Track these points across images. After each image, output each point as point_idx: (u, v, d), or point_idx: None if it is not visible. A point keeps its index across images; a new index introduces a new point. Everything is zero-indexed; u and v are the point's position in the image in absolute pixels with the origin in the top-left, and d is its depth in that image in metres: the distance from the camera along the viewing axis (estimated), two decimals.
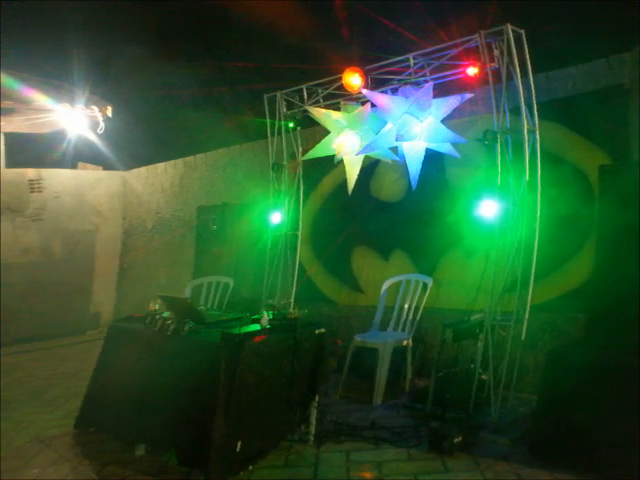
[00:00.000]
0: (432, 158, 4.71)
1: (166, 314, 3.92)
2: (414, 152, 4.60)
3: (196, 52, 8.70)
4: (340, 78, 4.86)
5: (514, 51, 3.86)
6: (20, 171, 8.84)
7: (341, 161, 5.20)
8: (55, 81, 7.79)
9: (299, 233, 6.04)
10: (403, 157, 4.72)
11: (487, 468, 3.20)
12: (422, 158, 4.57)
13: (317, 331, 3.75)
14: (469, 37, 4.11)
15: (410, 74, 4.62)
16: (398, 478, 3.17)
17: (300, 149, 5.92)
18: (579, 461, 3.01)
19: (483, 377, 3.91)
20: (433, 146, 4.55)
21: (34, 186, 8.84)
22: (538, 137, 3.93)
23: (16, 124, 8.52)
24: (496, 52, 3.99)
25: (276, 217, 5.89)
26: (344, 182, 5.30)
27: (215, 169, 8.60)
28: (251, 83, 8.11)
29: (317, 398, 3.73)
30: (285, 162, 5.95)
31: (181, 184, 9.15)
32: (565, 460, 3.07)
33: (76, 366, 6.52)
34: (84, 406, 4.12)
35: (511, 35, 3.86)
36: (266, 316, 3.66)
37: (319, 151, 5.28)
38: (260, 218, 6.31)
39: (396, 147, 4.78)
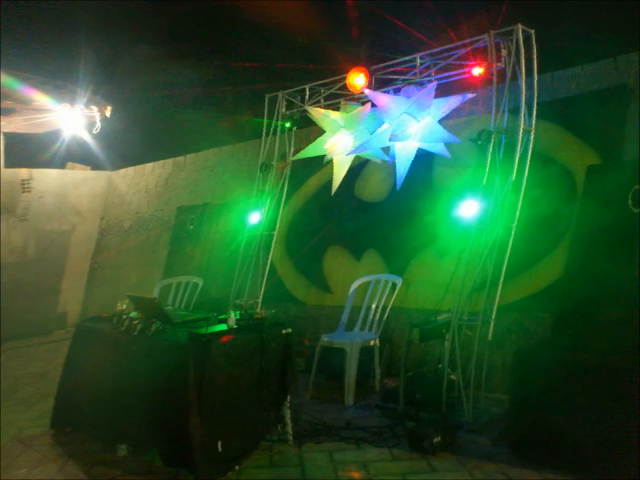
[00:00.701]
0: (421, 158, 4.89)
1: (133, 314, 4.08)
2: (405, 152, 4.78)
3: (203, 52, 9.01)
4: (344, 78, 5.07)
5: (522, 51, 4.04)
6: (15, 171, 9.28)
7: (330, 161, 5.40)
8: (58, 81, 8.11)
9: (275, 233, 6.20)
10: (393, 157, 4.91)
11: (474, 468, 3.36)
12: (412, 158, 4.74)
13: (284, 331, 3.91)
14: (478, 37, 4.31)
15: (415, 74, 4.81)
16: (387, 478, 3.34)
17: (292, 149, 6.13)
18: (561, 460, 3.16)
19: (452, 377, 4.05)
20: (425, 146, 4.73)
21: (25, 186, 9.28)
22: (532, 137, 4.07)
23: (16, 124, 8.90)
24: (504, 52, 4.17)
25: (254, 217, 6.05)
26: (329, 182, 5.52)
27: (203, 169, 8.84)
28: (256, 83, 8.34)
29: (289, 398, 3.91)
30: (275, 162, 6.14)
31: (166, 184, 9.41)
32: (549, 460, 3.22)
33: (44, 366, 6.82)
34: (57, 406, 4.32)
35: (521, 35, 4.05)
36: (233, 316, 3.82)
37: (310, 151, 5.52)
38: (239, 218, 6.47)
39: (388, 147, 4.97)
